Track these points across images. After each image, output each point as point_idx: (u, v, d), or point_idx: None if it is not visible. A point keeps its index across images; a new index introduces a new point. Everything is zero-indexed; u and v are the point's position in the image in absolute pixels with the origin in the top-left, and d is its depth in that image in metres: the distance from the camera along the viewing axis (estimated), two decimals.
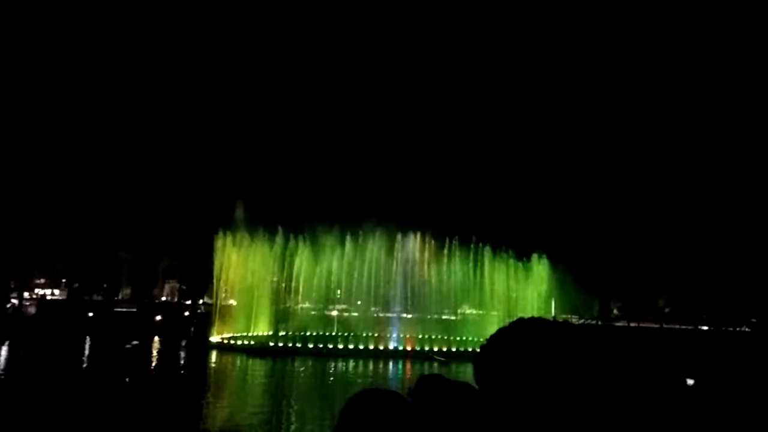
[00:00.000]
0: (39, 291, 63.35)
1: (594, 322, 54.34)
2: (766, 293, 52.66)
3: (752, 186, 58.68)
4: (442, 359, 32.18)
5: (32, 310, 50.03)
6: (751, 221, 56.12)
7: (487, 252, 43.20)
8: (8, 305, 51.05)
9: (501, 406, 1.89)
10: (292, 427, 14.76)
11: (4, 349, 31.76)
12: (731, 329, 52.46)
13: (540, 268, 43.85)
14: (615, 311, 64.08)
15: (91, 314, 46.94)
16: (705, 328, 54.70)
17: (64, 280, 65.85)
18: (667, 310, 63.85)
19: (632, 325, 53.28)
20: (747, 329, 53.04)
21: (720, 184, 60.74)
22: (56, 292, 65.49)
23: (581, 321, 52.30)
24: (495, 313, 41.56)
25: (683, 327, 53.14)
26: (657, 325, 53.84)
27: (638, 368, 2.17)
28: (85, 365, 28.36)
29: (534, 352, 1.93)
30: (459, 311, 43.48)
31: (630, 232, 59.29)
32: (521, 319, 2.11)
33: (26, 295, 58.12)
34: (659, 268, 58.18)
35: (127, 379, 20.97)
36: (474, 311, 44.49)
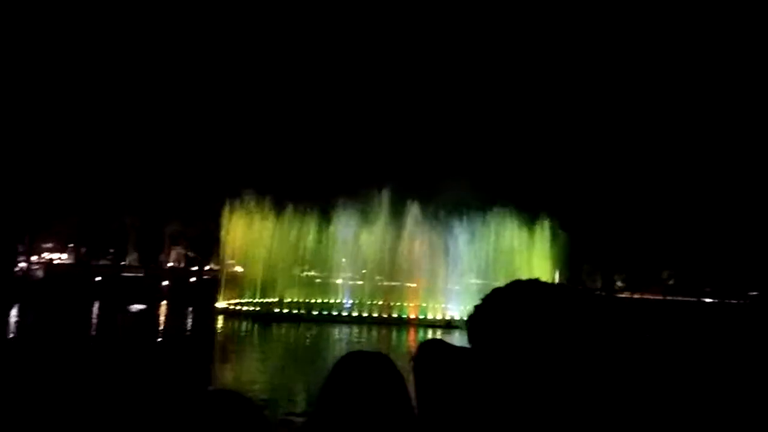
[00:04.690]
0: (46, 255, 63.87)
1: (597, 293, 54.54)
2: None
3: (756, 162, 58.30)
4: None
5: (40, 273, 50.57)
6: (755, 196, 55.90)
7: (493, 219, 43.07)
8: (16, 269, 51.62)
9: (492, 366, 1.92)
10: (291, 386, 15.14)
11: (14, 312, 32.23)
12: (734, 302, 52.71)
13: (546, 236, 43.64)
14: (619, 283, 64.27)
15: (98, 279, 47.44)
16: (708, 300, 54.96)
17: (71, 245, 66.35)
18: (670, 282, 64.05)
19: (635, 296, 53.57)
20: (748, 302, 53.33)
21: (724, 158, 60.36)
22: (63, 256, 66.08)
23: None
24: (498, 283, 41.55)
25: (686, 299, 53.38)
26: (660, 297, 54.11)
27: (630, 335, 2.17)
28: (94, 328, 28.83)
29: (528, 312, 1.94)
30: (463, 281, 43.65)
31: (635, 203, 59.17)
32: (518, 281, 2.12)
33: (34, 258, 58.66)
34: (664, 240, 58.24)
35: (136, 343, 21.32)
36: (479, 281, 44.59)
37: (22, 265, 53.73)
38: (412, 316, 36.55)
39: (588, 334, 1.84)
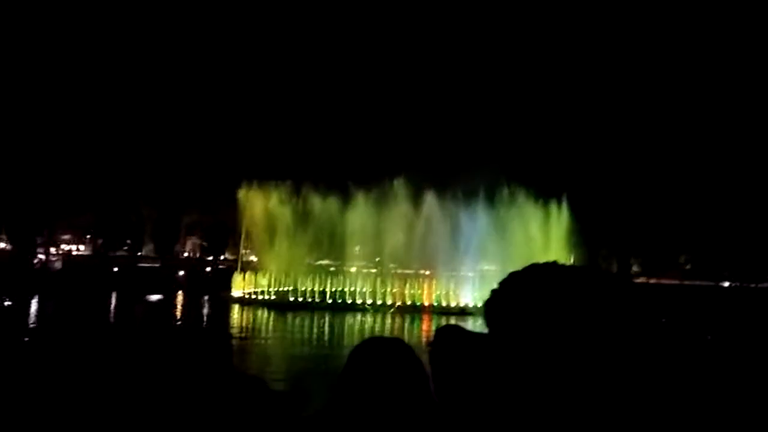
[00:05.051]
0: (65, 246, 64.65)
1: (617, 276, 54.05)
2: None
3: None
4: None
5: (58, 265, 51.20)
6: None
7: (508, 205, 42.77)
8: (35, 260, 52.33)
9: (509, 351, 1.89)
10: (309, 371, 15.25)
11: (34, 303, 32.71)
12: (753, 286, 52.17)
13: (562, 221, 43.24)
14: (635, 267, 63.71)
15: (115, 269, 47.97)
16: (726, 284, 54.42)
17: (89, 236, 67.11)
18: (688, 266, 63.40)
19: (652, 281, 53.10)
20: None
21: (742, 141, 59.46)
22: (81, 247, 66.86)
23: None
24: (512, 269, 41.31)
25: (704, 283, 52.86)
26: (677, 282, 53.62)
27: (649, 315, 2.11)
28: (113, 318, 29.23)
29: (547, 296, 1.90)
30: (478, 267, 43.58)
31: (652, 187, 58.54)
32: (535, 264, 2.07)
33: (52, 250, 59.40)
34: (681, 224, 57.63)
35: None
36: (492, 268, 44.41)
37: (41, 256, 54.44)
38: (426, 303, 36.58)
39: (608, 318, 1.80)
